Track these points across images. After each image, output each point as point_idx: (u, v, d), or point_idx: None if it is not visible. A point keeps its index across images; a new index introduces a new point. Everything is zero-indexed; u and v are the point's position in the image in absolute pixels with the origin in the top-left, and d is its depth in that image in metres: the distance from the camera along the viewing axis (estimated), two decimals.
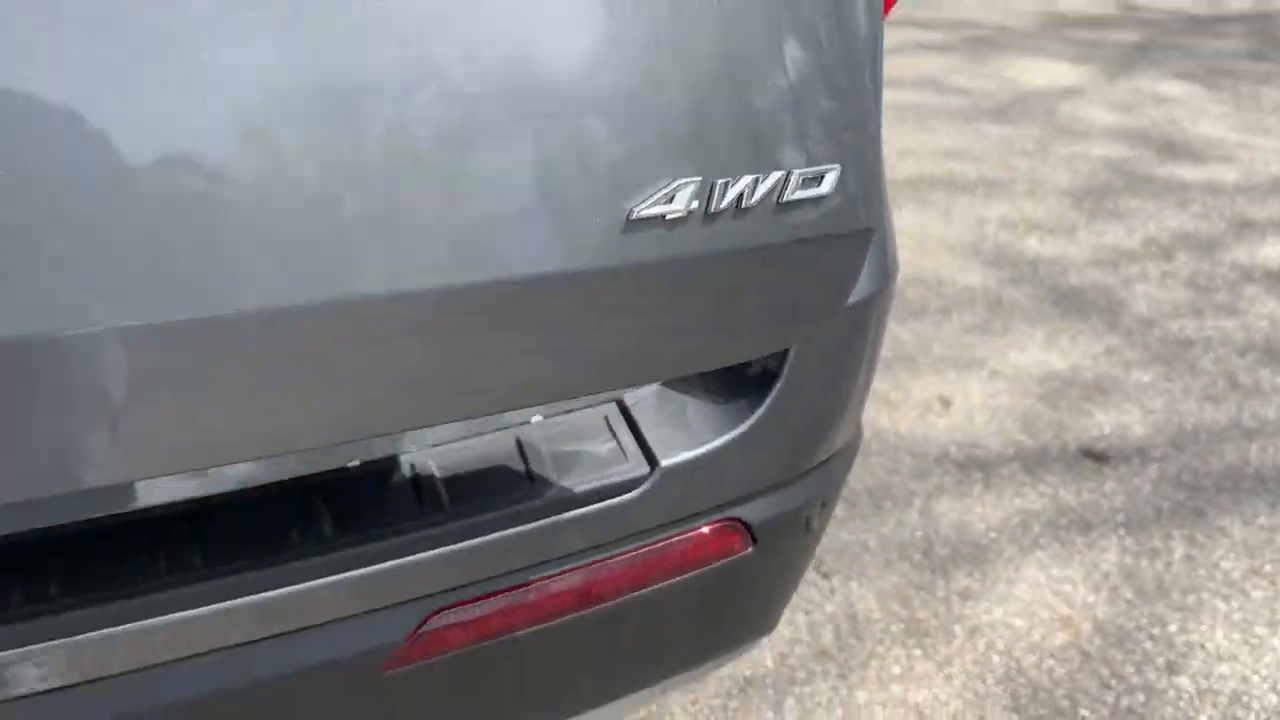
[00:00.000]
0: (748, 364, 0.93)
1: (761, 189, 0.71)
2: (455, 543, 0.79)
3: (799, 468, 0.98)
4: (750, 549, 0.96)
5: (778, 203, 0.73)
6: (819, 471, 1.01)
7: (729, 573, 0.96)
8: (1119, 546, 2.24)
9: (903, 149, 4.58)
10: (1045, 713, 1.82)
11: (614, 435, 0.90)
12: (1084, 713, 1.83)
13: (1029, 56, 6.29)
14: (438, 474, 0.84)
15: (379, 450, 0.84)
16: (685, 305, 0.74)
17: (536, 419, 0.91)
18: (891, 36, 6.53)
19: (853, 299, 0.92)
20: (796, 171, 0.73)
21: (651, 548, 0.89)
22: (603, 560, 0.87)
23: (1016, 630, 2.00)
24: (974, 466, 2.48)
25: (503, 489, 0.83)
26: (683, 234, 0.69)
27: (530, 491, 0.83)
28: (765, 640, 1.15)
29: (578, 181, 0.64)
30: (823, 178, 0.75)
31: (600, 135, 0.65)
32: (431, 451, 0.86)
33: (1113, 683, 1.89)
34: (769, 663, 1.89)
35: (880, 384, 2.78)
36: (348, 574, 0.75)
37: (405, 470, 0.84)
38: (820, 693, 1.84)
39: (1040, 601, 2.07)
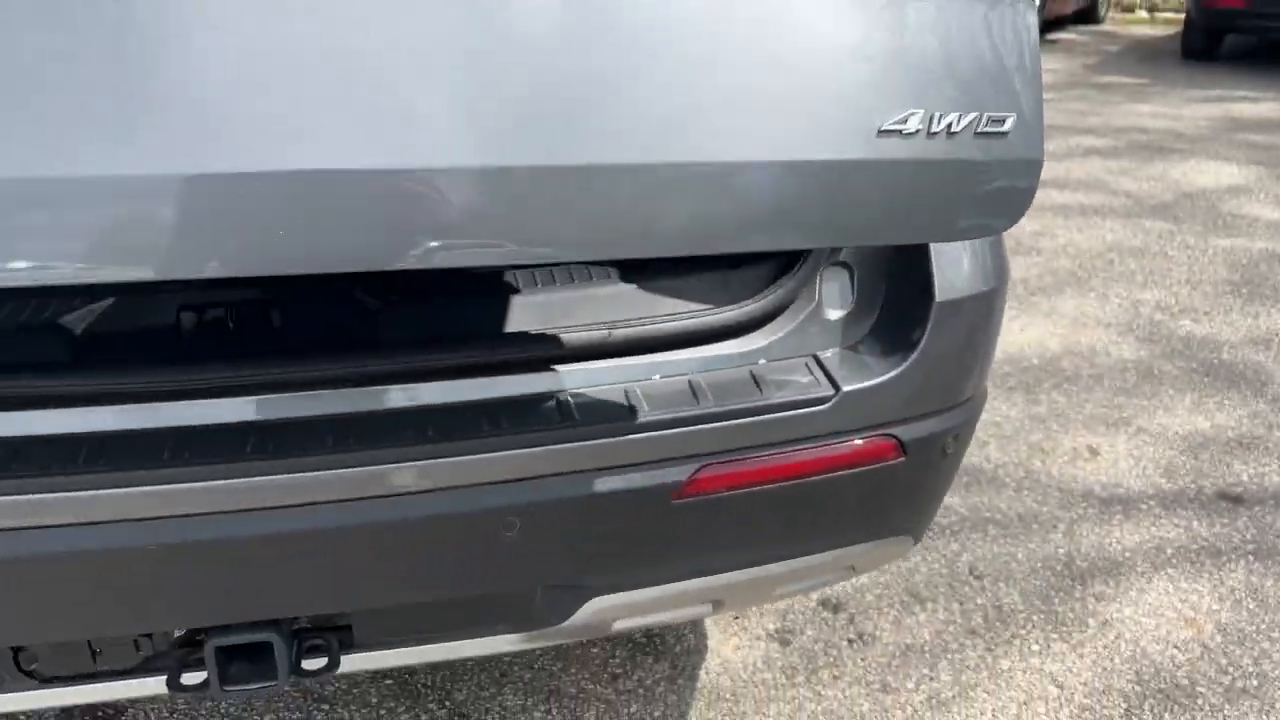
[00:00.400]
0: (904, 332, 1.43)
1: (964, 121, 1.14)
2: (718, 423, 1.33)
3: (936, 406, 1.46)
4: (901, 459, 1.45)
5: (975, 133, 1.16)
6: (952, 411, 1.48)
7: (886, 473, 1.44)
8: (1246, 568, 2.54)
9: (1065, 242, 4.94)
10: (1165, 686, 2.16)
11: (811, 372, 1.41)
12: (1201, 689, 2.15)
13: (1196, 159, 6.53)
14: (707, 387, 1.37)
15: (677, 370, 1.39)
16: (908, 192, 1.17)
17: (763, 362, 1.44)
18: (1061, 142, 6.92)
19: (969, 292, 1.42)
20: (987, 114, 1.16)
21: (835, 444, 1.39)
22: (802, 449, 1.38)
23: (1144, 626, 2.34)
24: (1115, 502, 2.82)
25: (743, 395, 1.36)
26: (910, 144, 1.13)
27: (760, 397, 1.36)
28: (914, 546, 1.61)
29: (852, 105, 1.10)
30: (1005, 120, 1.17)
31: (869, 79, 1.11)
32: (704, 375, 1.40)
33: (1229, 669, 2.21)
34: (926, 636, 2.30)
35: (1034, 435, 3.17)
36: (661, 433, 1.30)
37: (690, 383, 1.38)
38: (969, 659, 2.24)
39: (1168, 605, 2.41)
